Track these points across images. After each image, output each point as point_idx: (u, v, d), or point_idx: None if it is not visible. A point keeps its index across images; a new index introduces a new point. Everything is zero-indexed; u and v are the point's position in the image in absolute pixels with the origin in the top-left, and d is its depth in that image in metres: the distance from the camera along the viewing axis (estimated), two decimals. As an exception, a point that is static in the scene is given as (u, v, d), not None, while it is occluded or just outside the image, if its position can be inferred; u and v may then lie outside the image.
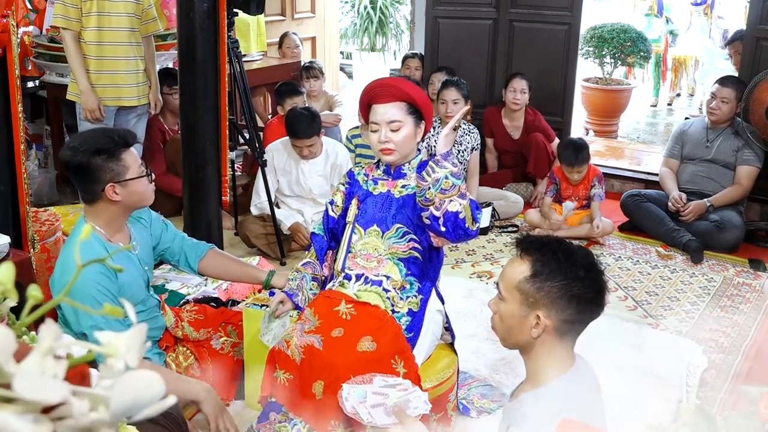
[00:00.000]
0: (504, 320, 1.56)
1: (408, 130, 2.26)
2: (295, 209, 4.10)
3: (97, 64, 3.74)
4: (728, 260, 3.99)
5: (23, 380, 0.52)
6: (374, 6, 9.29)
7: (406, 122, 2.25)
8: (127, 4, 3.74)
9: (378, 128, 2.26)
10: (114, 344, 0.57)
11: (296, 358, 2.18)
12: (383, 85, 2.30)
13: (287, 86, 4.69)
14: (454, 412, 2.35)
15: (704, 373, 2.88)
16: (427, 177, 2.12)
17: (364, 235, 2.32)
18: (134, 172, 2.20)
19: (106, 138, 2.19)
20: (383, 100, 2.26)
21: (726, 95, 4.15)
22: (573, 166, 4.18)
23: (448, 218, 2.11)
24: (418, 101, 2.28)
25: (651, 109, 7.97)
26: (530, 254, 1.53)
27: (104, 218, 2.23)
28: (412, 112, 2.27)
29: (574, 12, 4.97)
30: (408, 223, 2.28)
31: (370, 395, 1.83)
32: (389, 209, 2.31)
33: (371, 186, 2.38)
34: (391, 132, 2.24)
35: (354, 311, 2.23)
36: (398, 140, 2.25)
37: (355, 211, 2.36)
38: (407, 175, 2.33)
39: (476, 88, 5.05)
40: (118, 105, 3.85)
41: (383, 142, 2.25)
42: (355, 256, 2.33)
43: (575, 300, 1.48)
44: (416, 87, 2.34)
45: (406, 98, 2.26)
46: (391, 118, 2.24)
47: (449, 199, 2.11)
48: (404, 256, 2.29)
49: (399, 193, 2.32)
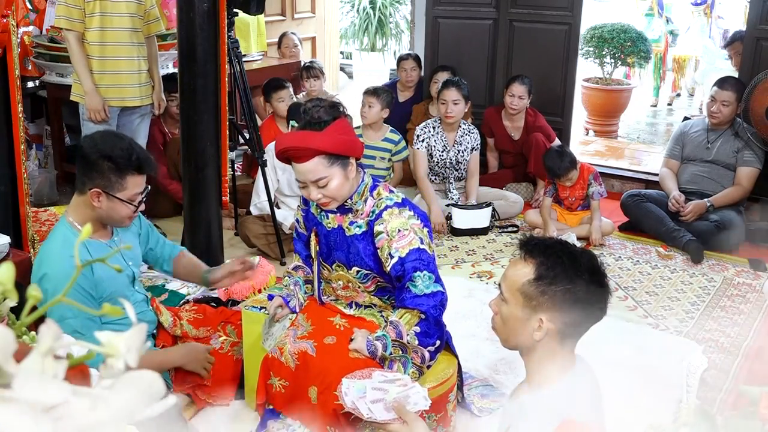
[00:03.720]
0: (506, 322, 1.55)
1: (337, 179, 2.10)
2: (294, 209, 4.09)
3: (100, 65, 3.74)
4: (728, 260, 3.99)
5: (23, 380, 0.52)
6: (374, 6, 9.28)
7: (332, 173, 2.09)
8: (129, 4, 3.74)
9: (306, 185, 2.13)
10: (114, 344, 0.57)
11: (290, 365, 2.18)
12: (294, 149, 2.08)
13: (271, 82, 4.70)
14: (454, 412, 2.35)
15: (704, 373, 2.88)
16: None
17: (331, 270, 2.28)
18: (126, 195, 2.21)
19: (125, 153, 2.19)
20: (300, 161, 2.09)
21: (726, 98, 4.15)
22: (559, 176, 4.19)
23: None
24: (334, 149, 2.08)
25: (651, 109, 7.97)
26: (534, 257, 1.51)
27: (82, 215, 2.26)
28: (334, 161, 2.09)
29: (574, 12, 4.97)
30: (364, 267, 2.20)
31: (369, 390, 1.83)
32: (345, 248, 2.22)
33: (324, 219, 2.26)
34: (321, 188, 2.11)
35: (348, 324, 2.26)
36: (331, 192, 2.11)
37: (316, 247, 2.30)
38: (353, 209, 2.20)
39: (476, 88, 5.05)
40: (121, 105, 3.85)
41: (317, 198, 2.13)
42: (334, 288, 2.31)
43: (579, 304, 1.47)
44: (327, 136, 2.07)
45: (321, 151, 2.07)
46: (315, 176, 2.09)
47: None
48: (374, 291, 2.27)
49: (348, 231, 2.21)
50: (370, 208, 2.18)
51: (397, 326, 2.08)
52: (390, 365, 2.07)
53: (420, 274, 2.08)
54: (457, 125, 4.49)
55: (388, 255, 2.11)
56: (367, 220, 2.17)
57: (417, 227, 2.13)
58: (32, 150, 4.66)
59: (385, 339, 2.08)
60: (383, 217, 2.14)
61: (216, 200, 3.23)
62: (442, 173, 4.55)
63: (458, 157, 4.50)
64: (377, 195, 2.19)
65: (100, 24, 3.69)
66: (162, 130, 4.53)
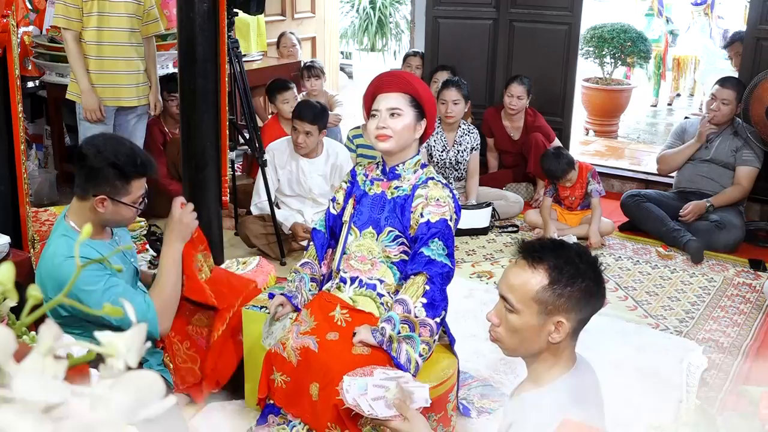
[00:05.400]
0: (518, 332, 1.51)
1: (407, 120, 2.24)
2: (295, 209, 4.10)
3: (97, 64, 3.74)
4: (728, 260, 3.99)
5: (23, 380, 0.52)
6: (374, 6, 9.29)
7: (407, 113, 2.24)
8: (128, 4, 3.74)
9: (377, 114, 2.26)
10: (114, 344, 0.57)
11: (293, 360, 2.18)
12: (391, 75, 2.32)
13: (275, 83, 4.69)
14: (454, 412, 2.35)
15: (704, 373, 2.88)
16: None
17: (359, 236, 2.31)
18: (131, 199, 2.25)
19: (130, 159, 2.21)
20: (388, 89, 2.26)
21: (726, 96, 4.15)
22: (558, 178, 4.19)
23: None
24: (423, 97, 2.27)
25: (651, 109, 7.97)
26: (542, 262, 1.48)
27: (84, 218, 2.25)
28: (414, 106, 2.26)
29: (574, 12, 4.97)
30: (398, 227, 2.26)
31: (371, 388, 1.84)
32: (382, 211, 2.30)
33: (368, 186, 2.36)
34: (390, 118, 2.23)
35: (349, 317, 2.24)
36: (396, 128, 2.23)
37: (351, 210, 2.36)
38: (402, 176, 2.31)
39: (476, 88, 5.05)
40: (117, 105, 3.85)
41: (380, 127, 2.24)
42: (349, 258, 2.33)
43: (591, 298, 1.49)
44: (424, 85, 2.33)
45: (412, 91, 2.26)
46: (392, 105, 2.24)
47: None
48: (396, 260, 2.28)
49: (391, 195, 2.30)
50: (417, 177, 2.29)
51: (404, 302, 2.13)
52: (398, 349, 2.07)
53: (437, 241, 2.17)
54: (456, 125, 4.49)
55: (420, 215, 2.22)
56: (412, 185, 2.28)
57: (452, 207, 2.26)
58: (32, 150, 4.66)
59: (392, 318, 2.11)
60: (428, 184, 2.26)
61: (216, 200, 3.23)
62: (441, 173, 4.55)
63: (458, 157, 4.50)
64: (427, 170, 2.32)
65: (98, 24, 3.69)
66: (162, 130, 4.53)
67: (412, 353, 2.08)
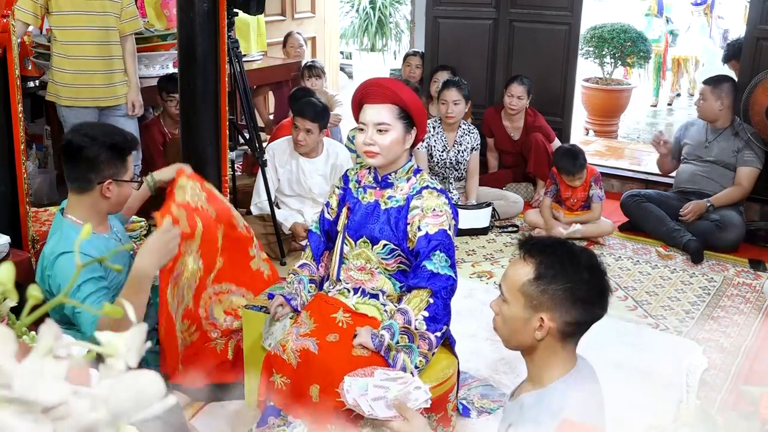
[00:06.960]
0: (507, 322, 1.55)
1: (395, 134, 2.17)
2: (295, 209, 4.10)
3: (73, 64, 3.72)
4: (728, 260, 3.99)
5: (23, 380, 0.52)
6: (374, 6, 9.29)
7: (395, 127, 2.17)
8: (104, 2, 3.72)
9: (365, 128, 2.20)
10: (114, 344, 0.57)
11: (293, 362, 2.18)
12: (377, 85, 2.20)
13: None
14: (454, 412, 2.35)
15: (704, 373, 2.88)
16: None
17: (354, 246, 2.29)
18: (129, 176, 2.31)
19: (121, 137, 2.27)
20: (374, 101, 2.18)
21: (703, 92, 4.25)
22: (573, 174, 4.18)
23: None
24: (411, 107, 2.18)
25: (651, 109, 7.97)
26: (534, 256, 1.51)
27: (86, 211, 2.25)
28: (402, 117, 2.18)
29: (574, 12, 4.97)
30: (393, 240, 2.23)
31: (371, 388, 1.84)
32: (376, 221, 2.26)
33: (361, 195, 2.32)
34: (378, 134, 2.17)
35: (351, 320, 2.24)
36: (384, 144, 2.17)
37: (344, 220, 2.32)
38: (395, 185, 2.26)
39: (476, 89, 5.05)
40: (94, 105, 3.84)
41: (368, 144, 2.18)
42: (348, 268, 2.32)
43: (579, 302, 1.47)
44: (412, 92, 2.23)
45: (399, 102, 2.17)
46: (380, 120, 2.16)
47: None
48: (393, 271, 2.28)
49: (384, 205, 2.26)
50: (411, 186, 2.24)
51: (405, 313, 2.12)
52: (395, 358, 2.07)
53: (439, 254, 2.14)
54: (457, 125, 4.49)
55: (417, 229, 2.17)
56: (406, 195, 2.23)
57: (449, 215, 2.21)
58: (32, 150, 4.66)
59: (392, 327, 2.10)
60: (422, 194, 2.21)
61: (216, 200, 3.22)
62: (442, 173, 4.55)
63: (458, 157, 4.50)
64: (420, 177, 2.27)
65: (74, 23, 3.67)
66: (162, 130, 4.53)
67: (408, 364, 2.07)
